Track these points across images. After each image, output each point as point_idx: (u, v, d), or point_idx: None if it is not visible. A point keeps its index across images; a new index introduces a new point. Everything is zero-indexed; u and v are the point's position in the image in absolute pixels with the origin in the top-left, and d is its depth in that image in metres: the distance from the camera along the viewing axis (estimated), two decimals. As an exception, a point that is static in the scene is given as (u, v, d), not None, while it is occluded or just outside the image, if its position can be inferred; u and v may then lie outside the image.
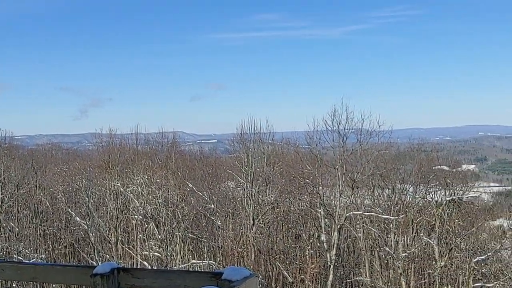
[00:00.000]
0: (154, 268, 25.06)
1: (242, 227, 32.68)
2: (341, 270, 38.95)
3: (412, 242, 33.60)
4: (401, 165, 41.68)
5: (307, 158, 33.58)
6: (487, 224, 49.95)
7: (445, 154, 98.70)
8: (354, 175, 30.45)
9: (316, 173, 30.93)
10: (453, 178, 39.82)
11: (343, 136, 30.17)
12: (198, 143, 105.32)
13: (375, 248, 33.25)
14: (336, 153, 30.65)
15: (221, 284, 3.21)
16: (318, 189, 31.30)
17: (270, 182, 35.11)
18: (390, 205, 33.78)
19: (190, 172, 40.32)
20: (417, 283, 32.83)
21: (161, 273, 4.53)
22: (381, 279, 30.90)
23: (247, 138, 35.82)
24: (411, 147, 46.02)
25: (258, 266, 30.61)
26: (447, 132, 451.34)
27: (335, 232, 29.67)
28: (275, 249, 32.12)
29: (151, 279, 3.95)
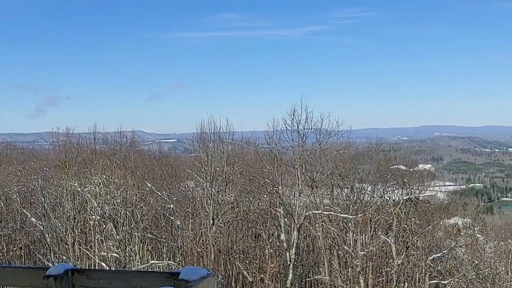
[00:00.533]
0: (110, 269, 24.69)
1: (202, 227, 32.52)
2: (301, 269, 39.16)
3: (370, 241, 34.02)
4: (360, 165, 42.22)
5: (267, 158, 33.65)
6: (443, 223, 50.99)
7: (402, 154, 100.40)
8: (313, 174, 30.66)
9: (275, 173, 31.02)
10: (410, 177, 40.48)
11: (302, 135, 30.33)
12: (157, 142, 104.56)
13: (334, 247, 33.54)
14: (296, 152, 30.78)
15: (178, 284, 3.15)
16: (278, 189, 31.40)
17: (230, 181, 35.05)
18: (349, 204, 34.13)
19: (149, 171, 39.95)
20: (375, 281, 33.25)
21: (117, 274, 4.42)
22: (340, 277, 31.18)
23: (207, 138, 35.68)
24: (369, 147, 46.63)
25: (217, 266, 30.51)
26: (404, 132, 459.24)
27: (295, 231, 29.80)
28: (235, 249, 32.08)
29: (107, 280, 3.85)
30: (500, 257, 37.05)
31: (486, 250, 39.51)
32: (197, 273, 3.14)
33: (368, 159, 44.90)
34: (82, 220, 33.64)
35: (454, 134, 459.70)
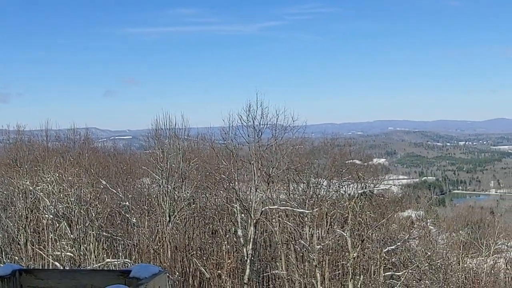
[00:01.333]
0: (59, 268, 24.26)
1: (158, 224, 32.28)
2: (258, 264, 39.27)
3: (327, 235, 34.39)
4: (315, 160, 42.57)
5: (223, 154, 33.56)
6: (397, 215, 51.98)
7: (357, 148, 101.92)
8: (269, 170, 30.73)
9: (232, 169, 30.95)
10: (365, 171, 41.11)
11: (258, 131, 30.31)
12: (112, 139, 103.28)
13: (290, 241, 33.73)
14: (252, 148, 30.79)
15: (129, 282, 3.09)
16: (234, 184, 31.35)
17: (186, 178, 34.86)
18: (305, 199, 34.36)
19: (104, 169, 39.40)
20: (331, 275, 33.60)
21: (66, 273, 4.33)
22: (297, 271, 31.39)
23: (162, 134, 35.41)
24: (325, 142, 47.13)
25: (174, 263, 30.33)
26: (359, 127, 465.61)
27: (251, 227, 29.84)
28: (191, 245, 31.92)
29: (56, 280, 3.75)
30: (451, 248, 37.98)
31: (439, 242, 40.49)
32: (148, 270, 3.08)
33: (323, 154, 45.33)
34: (34, 220, 32.93)
35: (407, 128, 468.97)
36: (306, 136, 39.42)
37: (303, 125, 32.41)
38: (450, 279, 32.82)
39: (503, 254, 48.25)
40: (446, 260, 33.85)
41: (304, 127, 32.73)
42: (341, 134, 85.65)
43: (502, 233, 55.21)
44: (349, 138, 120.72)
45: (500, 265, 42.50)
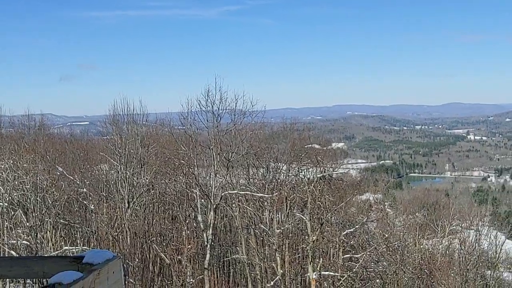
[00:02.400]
0: (9, 256, 23.79)
1: (117, 210, 31.92)
2: (218, 249, 39.33)
3: (286, 219, 34.61)
4: (275, 144, 42.71)
5: (182, 139, 33.31)
6: (355, 199, 52.68)
7: (316, 133, 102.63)
8: (229, 155, 30.67)
9: (191, 154, 30.78)
10: (324, 156, 41.45)
11: (217, 116, 30.15)
12: (68, 125, 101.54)
13: (250, 226, 33.85)
14: (211, 133, 30.63)
15: (82, 268, 3.01)
16: (194, 170, 31.21)
17: (145, 164, 34.55)
18: (265, 184, 34.50)
19: (60, 155, 38.73)
20: (291, 258, 33.89)
21: (16, 260, 4.20)
22: (257, 256, 31.54)
23: (120, 120, 34.93)
24: (284, 127, 47.28)
25: (134, 250, 30.11)
26: (318, 111, 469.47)
27: (211, 212, 29.79)
28: (151, 232, 31.73)
29: (6, 268, 3.62)
30: (408, 230, 38.73)
31: (396, 224, 41.22)
32: (102, 255, 3.02)
33: (283, 138, 45.51)
34: (-12, 208, 32.17)
35: (366, 113, 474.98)
36: (265, 121, 39.48)
37: (262, 110, 32.40)
38: (407, 260, 33.50)
39: (457, 235, 49.44)
40: (403, 241, 34.50)
41: (263, 112, 32.71)
42: (300, 119, 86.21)
43: (457, 215, 56.61)
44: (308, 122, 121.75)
45: (454, 246, 43.54)
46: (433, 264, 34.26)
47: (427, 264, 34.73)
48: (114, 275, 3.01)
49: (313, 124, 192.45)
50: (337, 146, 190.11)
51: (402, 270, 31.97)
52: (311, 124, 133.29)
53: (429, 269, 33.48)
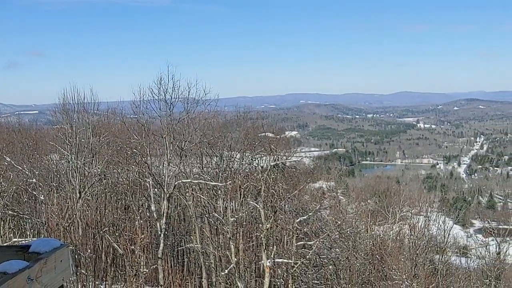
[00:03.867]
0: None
1: (68, 201, 31.38)
2: (172, 238, 39.17)
3: (240, 207, 34.68)
4: (228, 133, 42.67)
5: (134, 128, 32.89)
6: (309, 187, 53.19)
7: (270, 121, 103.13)
8: (182, 143, 30.45)
9: (143, 143, 30.43)
10: (277, 144, 41.63)
11: (170, 104, 29.86)
12: (16, 114, 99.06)
13: (204, 214, 33.81)
14: (164, 122, 30.32)
15: (29, 257, 2.93)
16: (146, 159, 30.91)
17: (96, 153, 34.02)
18: (218, 172, 34.46)
19: (8, 145, 37.79)
20: (245, 246, 34.02)
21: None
22: (211, 244, 31.54)
23: (71, 108, 34.20)
24: (237, 115, 47.27)
25: (86, 240, 29.67)
26: (271, 100, 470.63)
27: (165, 201, 29.61)
28: (104, 222, 31.30)
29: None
30: (360, 216, 39.32)
31: (348, 211, 41.86)
32: (49, 244, 2.94)
33: (236, 127, 45.52)
34: None
35: (318, 101, 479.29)
36: (218, 110, 39.36)
37: (215, 99, 32.28)
38: (359, 246, 34.04)
39: (407, 221, 50.57)
40: (355, 228, 35.01)
41: (216, 101, 32.60)
42: (254, 108, 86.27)
43: (407, 201, 57.95)
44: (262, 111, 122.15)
45: (404, 231, 44.49)
46: (384, 249, 34.94)
47: (378, 250, 35.39)
48: (62, 263, 2.95)
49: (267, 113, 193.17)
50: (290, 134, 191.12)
51: (354, 256, 32.48)
52: (264, 112, 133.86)
53: (380, 254, 34.12)
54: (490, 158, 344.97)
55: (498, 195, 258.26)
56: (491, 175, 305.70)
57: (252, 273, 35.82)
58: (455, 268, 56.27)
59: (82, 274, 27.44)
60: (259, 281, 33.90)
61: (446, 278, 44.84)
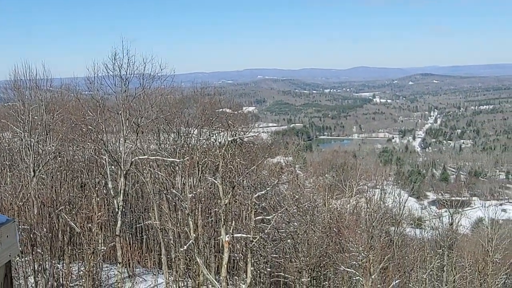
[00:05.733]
0: None
1: (22, 179, 30.74)
2: (130, 215, 38.96)
3: (198, 183, 34.62)
4: (186, 109, 42.41)
5: (89, 105, 32.29)
6: (267, 162, 53.43)
7: (227, 97, 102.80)
8: (138, 120, 30.05)
9: (99, 120, 29.91)
10: (235, 119, 41.59)
11: (125, 80, 29.25)
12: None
13: (162, 191, 33.65)
14: (119, 98, 29.81)
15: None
16: (102, 136, 30.42)
17: (50, 130, 33.34)
18: (176, 148, 34.27)
19: (-44, 124, 36.68)
20: (204, 222, 34.07)
21: None
22: (170, 221, 31.47)
23: (23, 85, 33.32)
24: (194, 91, 46.96)
25: (42, 219, 29.18)
26: (229, 76, 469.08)
27: (122, 178, 29.30)
28: (59, 200, 30.80)
29: None
30: (318, 190, 39.85)
31: (306, 185, 42.32)
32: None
33: (193, 103, 45.26)
34: None
35: (276, 77, 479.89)
36: (175, 86, 39.07)
37: (171, 74, 31.92)
38: (317, 219, 34.49)
39: (364, 194, 51.48)
40: (313, 202, 35.39)
41: (172, 76, 32.25)
42: (211, 83, 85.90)
43: (364, 175, 58.91)
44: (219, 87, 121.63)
45: (361, 205, 45.31)
46: (342, 222, 35.51)
47: (335, 223, 35.95)
48: (8, 239, 2.86)
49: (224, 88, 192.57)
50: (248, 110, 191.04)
51: (312, 230, 32.88)
52: (222, 88, 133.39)
53: (338, 227, 34.67)
54: (443, 132, 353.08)
55: (451, 167, 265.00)
56: (444, 148, 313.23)
57: (211, 249, 35.96)
58: (410, 239, 57.73)
59: (38, 254, 27.05)
60: (218, 256, 34.08)
61: (401, 249, 46.01)
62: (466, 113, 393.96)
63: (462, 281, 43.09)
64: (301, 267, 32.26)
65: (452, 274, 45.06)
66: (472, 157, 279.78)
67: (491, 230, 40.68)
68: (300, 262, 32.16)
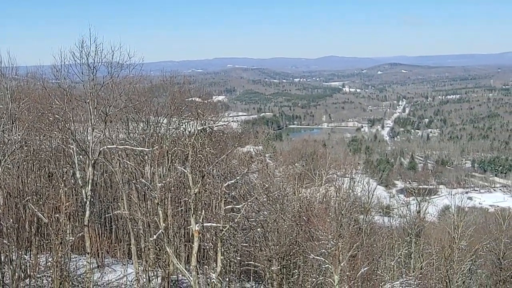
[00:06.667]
0: None
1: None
2: (99, 205, 38.58)
3: (168, 172, 34.45)
4: (155, 98, 42.07)
5: (56, 93, 31.70)
6: (237, 151, 53.41)
7: (197, 86, 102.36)
8: (106, 108, 29.65)
9: (66, 108, 29.39)
10: (205, 109, 41.43)
11: (93, 68, 28.75)
12: None
13: (132, 181, 33.39)
14: (87, 86, 29.32)
15: None
16: (70, 125, 29.92)
17: (16, 119, 32.76)
18: (145, 138, 34.00)
19: None
20: (174, 211, 33.96)
21: None
22: (139, 210, 31.27)
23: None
24: (164, 80, 46.61)
25: (8, 210, 28.68)
26: (198, 64, 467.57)
27: (90, 168, 28.92)
28: (26, 191, 30.30)
29: None
30: (288, 179, 39.94)
31: (276, 174, 42.35)
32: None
33: (163, 92, 44.96)
34: None
35: (246, 66, 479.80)
36: (144, 74, 38.61)
37: (140, 63, 31.50)
38: (287, 208, 34.63)
39: (333, 183, 51.85)
40: (282, 191, 35.50)
41: (141, 65, 31.83)
42: (181, 72, 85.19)
43: (333, 164, 59.31)
44: (189, 75, 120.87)
45: (331, 193, 45.65)
46: (311, 211, 35.69)
47: (305, 212, 36.12)
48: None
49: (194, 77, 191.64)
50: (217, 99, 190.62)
51: (282, 218, 33.02)
52: (191, 77, 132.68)
53: (307, 216, 34.84)
54: (411, 121, 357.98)
55: (418, 156, 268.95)
56: (412, 137, 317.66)
57: (182, 238, 35.90)
58: (378, 227, 58.56)
59: (4, 245, 26.60)
60: (188, 246, 34.03)
61: (370, 236, 46.61)
62: (433, 103, 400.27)
63: (429, 267, 43.84)
64: (271, 256, 32.40)
65: (420, 261, 45.86)
66: (439, 146, 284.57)
67: (457, 218, 41.40)
68: (270, 251, 32.29)
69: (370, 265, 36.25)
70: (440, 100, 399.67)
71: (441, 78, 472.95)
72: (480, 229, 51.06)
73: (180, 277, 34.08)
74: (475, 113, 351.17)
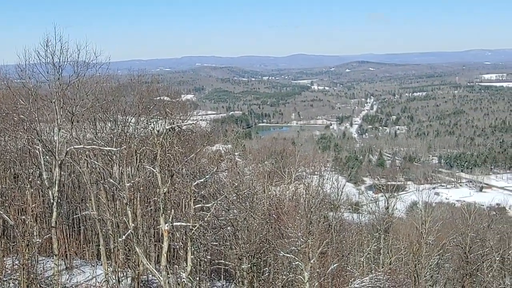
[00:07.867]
0: None
1: (-51, 172, 29.52)
2: (67, 206, 38.10)
3: (137, 172, 34.18)
4: (122, 97, 41.67)
5: (21, 93, 31.19)
6: (206, 150, 53.26)
7: (166, 85, 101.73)
8: (73, 108, 29.28)
9: (31, 108, 28.95)
10: (173, 107, 41.17)
11: (58, 68, 28.37)
12: None
13: (100, 181, 33.03)
14: (53, 86, 28.91)
15: None
16: (35, 125, 29.47)
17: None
18: (113, 137, 33.65)
19: None
20: (143, 211, 33.72)
21: None
22: (108, 211, 31.00)
23: (-51, 73, 31.93)
24: (131, 79, 46.24)
25: (-28, 213, 28.16)
26: (167, 63, 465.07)
27: (57, 168, 28.52)
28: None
29: None
30: (257, 177, 39.98)
31: (245, 172, 42.39)
32: None
33: (131, 91, 44.56)
34: None
35: (214, 64, 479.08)
36: (111, 73, 38.24)
37: (107, 62, 31.25)
38: (256, 206, 34.67)
39: (303, 181, 52.10)
40: (252, 189, 35.53)
41: (108, 64, 31.58)
42: (149, 71, 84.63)
43: (302, 161, 59.54)
44: (157, 74, 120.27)
45: (300, 191, 45.87)
46: (281, 209, 35.81)
47: (275, 209, 36.23)
48: None
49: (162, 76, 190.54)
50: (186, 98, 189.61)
51: (252, 217, 33.06)
52: (160, 76, 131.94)
53: (277, 213, 34.95)
54: (379, 118, 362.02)
55: (386, 153, 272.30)
56: (380, 134, 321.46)
57: (151, 238, 35.65)
58: (348, 223, 58.98)
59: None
60: (158, 246, 33.82)
61: (339, 233, 46.96)
62: (400, 100, 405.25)
63: (398, 262, 44.44)
64: (241, 254, 32.42)
65: (388, 257, 46.42)
66: (407, 142, 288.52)
67: (425, 213, 42.06)
68: (240, 249, 32.30)
69: (340, 261, 36.54)
70: (407, 97, 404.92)
71: (408, 76, 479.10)
72: (447, 224, 51.99)
73: (150, 277, 33.87)
74: (441, 110, 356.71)
